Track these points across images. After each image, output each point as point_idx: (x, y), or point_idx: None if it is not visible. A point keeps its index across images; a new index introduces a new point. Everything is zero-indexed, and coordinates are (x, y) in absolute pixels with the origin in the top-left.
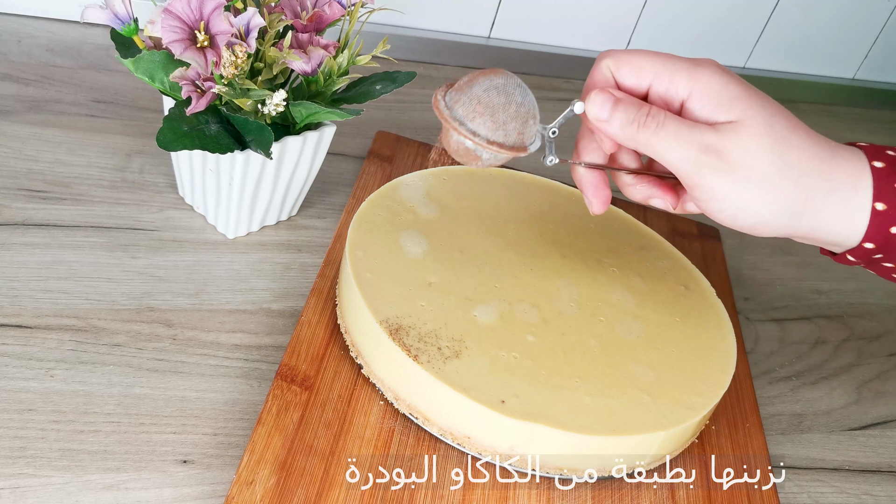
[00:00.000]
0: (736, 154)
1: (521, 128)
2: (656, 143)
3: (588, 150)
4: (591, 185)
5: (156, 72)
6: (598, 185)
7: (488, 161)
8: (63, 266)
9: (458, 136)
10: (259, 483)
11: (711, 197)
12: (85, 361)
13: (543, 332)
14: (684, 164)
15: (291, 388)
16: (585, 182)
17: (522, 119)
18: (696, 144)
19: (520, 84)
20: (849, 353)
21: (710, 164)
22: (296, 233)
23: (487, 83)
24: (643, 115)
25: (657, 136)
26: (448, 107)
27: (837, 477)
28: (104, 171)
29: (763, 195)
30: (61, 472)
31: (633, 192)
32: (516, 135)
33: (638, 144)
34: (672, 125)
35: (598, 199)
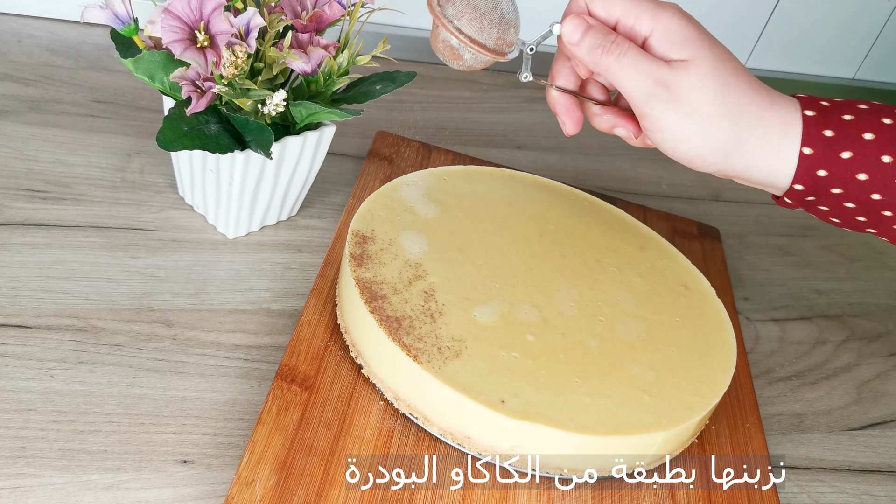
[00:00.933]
0: (683, 90)
1: (502, 34)
2: (617, 70)
3: (562, 74)
4: (563, 106)
5: (156, 72)
6: (570, 107)
7: (469, 62)
8: (63, 266)
9: (446, 34)
10: (259, 483)
11: (657, 127)
12: (85, 361)
13: (543, 332)
14: (638, 93)
15: (291, 388)
16: (558, 104)
17: (504, 26)
18: (651, 76)
19: None
20: (849, 353)
21: (660, 96)
22: (296, 233)
23: None
24: (609, 41)
25: (619, 63)
26: (440, 5)
27: (837, 477)
28: (104, 171)
29: (702, 131)
30: (61, 472)
31: (600, 121)
32: (496, 39)
33: (601, 68)
34: (633, 55)
35: (571, 119)
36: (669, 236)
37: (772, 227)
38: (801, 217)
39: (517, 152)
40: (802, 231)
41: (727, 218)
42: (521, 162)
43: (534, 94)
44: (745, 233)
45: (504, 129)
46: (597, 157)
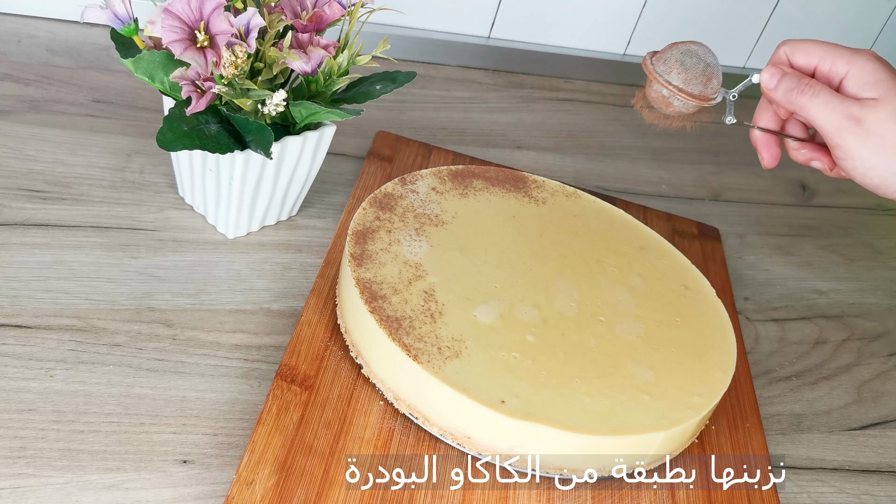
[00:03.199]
0: (871, 123)
1: (705, 83)
2: (810, 108)
3: (765, 116)
4: (764, 143)
5: (156, 72)
6: (769, 143)
7: (678, 108)
8: (63, 266)
9: (658, 86)
10: (259, 483)
11: (848, 156)
12: (85, 361)
13: (543, 332)
14: (829, 127)
15: (291, 388)
16: (759, 141)
17: (707, 77)
18: (842, 112)
19: (709, 52)
20: (849, 353)
21: (850, 129)
22: (296, 233)
23: (684, 48)
24: (803, 84)
25: (812, 102)
26: (652, 63)
27: (837, 477)
28: (104, 171)
29: (888, 160)
30: (61, 472)
31: (797, 154)
32: (701, 87)
33: (796, 107)
34: (825, 95)
35: (769, 153)
36: (669, 236)
37: (772, 227)
38: (801, 217)
39: (517, 152)
40: (802, 231)
41: (727, 218)
42: (521, 162)
43: (533, 94)
44: (745, 233)
45: (504, 129)
46: (597, 156)
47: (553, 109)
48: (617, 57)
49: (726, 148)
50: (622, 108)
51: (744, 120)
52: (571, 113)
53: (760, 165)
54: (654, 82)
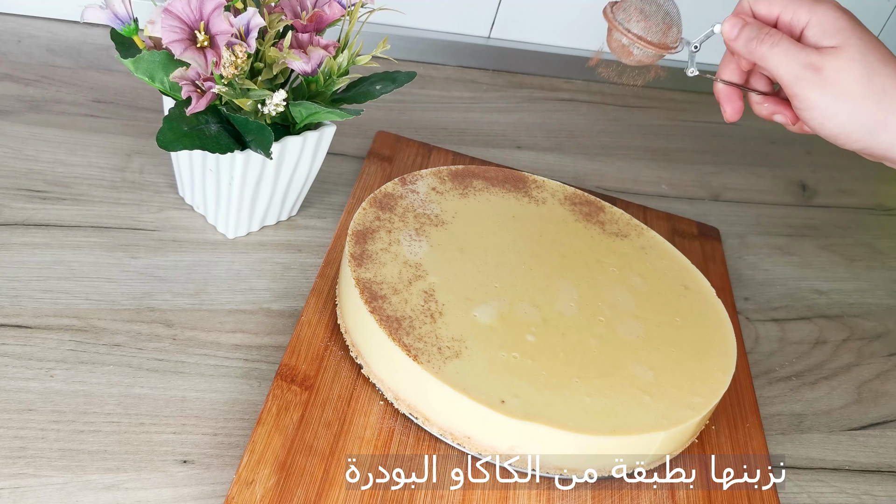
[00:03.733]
0: (830, 72)
1: (665, 31)
2: (770, 57)
3: (728, 68)
4: (726, 96)
5: (156, 72)
6: (732, 97)
7: (638, 56)
8: (63, 266)
9: (617, 34)
10: (259, 483)
11: (806, 106)
12: (85, 361)
13: (543, 333)
14: (788, 76)
15: (291, 388)
16: (722, 94)
17: (667, 25)
18: (801, 61)
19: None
20: (849, 353)
21: (808, 78)
22: (296, 233)
23: None
24: (763, 33)
25: (771, 51)
26: (612, 12)
27: (837, 477)
28: (104, 171)
29: (848, 109)
30: (61, 472)
31: (760, 108)
32: (661, 36)
33: (756, 57)
34: (784, 44)
35: (732, 106)
36: (669, 236)
37: (772, 227)
38: (801, 217)
39: (517, 152)
40: (802, 231)
41: (727, 218)
42: (520, 162)
43: (533, 94)
44: (745, 233)
45: (504, 129)
46: (597, 156)
47: (553, 109)
48: None
49: (726, 148)
50: (622, 108)
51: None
52: (571, 113)
53: (757, 171)
54: (614, 31)
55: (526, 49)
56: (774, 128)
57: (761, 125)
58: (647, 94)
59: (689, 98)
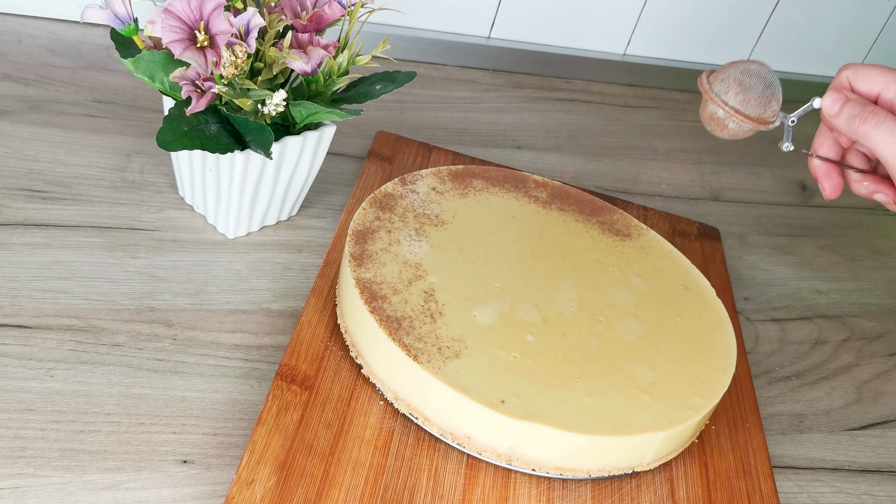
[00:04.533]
0: None
1: (764, 105)
2: (874, 137)
3: (824, 144)
4: (824, 173)
5: (156, 72)
6: (830, 173)
7: (733, 130)
8: (63, 266)
9: (713, 106)
10: (259, 483)
11: None
12: (85, 361)
13: (543, 332)
14: (893, 160)
15: (291, 388)
16: (820, 171)
17: (766, 99)
18: None
19: (770, 72)
20: (849, 353)
21: None
22: (296, 233)
23: (744, 67)
24: (867, 112)
25: (875, 131)
26: (709, 83)
27: (837, 477)
28: (104, 171)
29: None
30: (61, 472)
31: (859, 187)
32: (759, 110)
33: (859, 136)
34: (889, 124)
35: (830, 184)
36: (669, 236)
37: (772, 227)
38: (801, 217)
39: (517, 152)
40: (802, 231)
41: (727, 218)
42: (520, 162)
43: (533, 94)
44: (745, 233)
45: (504, 129)
46: (597, 156)
47: (553, 109)
48: (617, 57)
49: (726, 148)
50: (622, 108)
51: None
52: (571, 113)
53: (757, 171)
54: (709, 102)
55: (526, 49)
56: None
57: None
58: (647, 95)
59: (689, 98)
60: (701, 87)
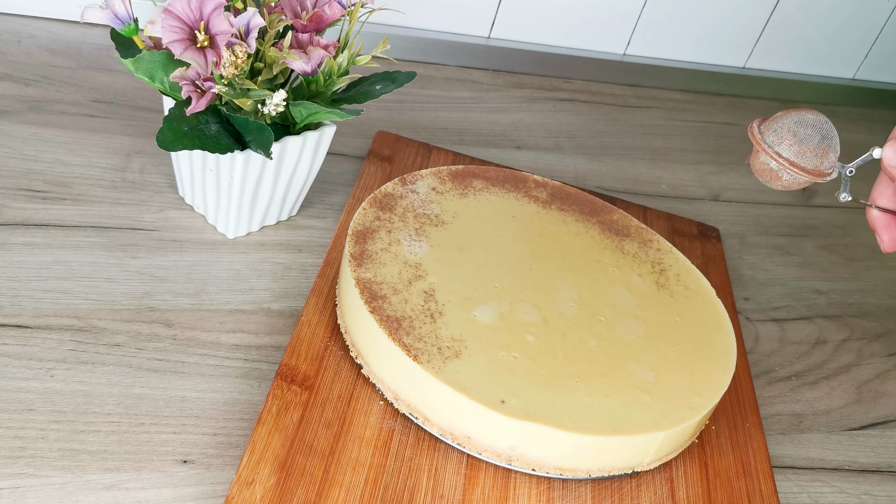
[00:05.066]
0: None
1: (821, 157)
2: None
3: (884, 195)
4: (884, 225)
5: (156, 72)
6: (891, 225)
7: (787, 182)
8: (63, 266)
9: (766, 157)
10: (259, 483)
11: None
12: (85, 361)
13: (543, 332)
14: None
15: (291, 388)
16: (879, 223)
17: (823, 151)
18: None
19: (826, 122)
20: (849, 353)
21: None
22: (296, 233)
23: (798, 117)
24: None
25: None
26: (760, 132)
27: (837, 477)
28: (104, 171)
29: None
30: (61, 472)
31: None
32: (816, 162)
33: None
34: None
35: (889, 236)
36: (669, 236)
37: (772, 227)
38: (801, 217)
39: (517, 152)
40: (802, 231)
41: (727, 218)
42: (520, 162)
43: (532, 94)
44: (745, 233)
45: (504, 129)
46: (597, 156)
47: (553, 109)
48: (617, 57)
49: (726, 148)
50: (622, 108)
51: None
52: (571, 113)
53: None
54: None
55: (526, 49)
56: None
57: None
58: (647, 95)
59: (689, 98)
60: (752, 136)
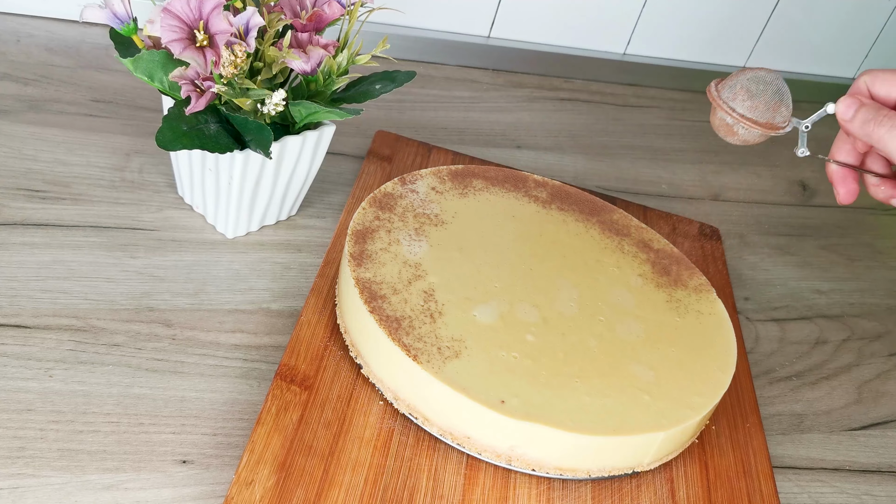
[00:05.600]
0: None
1: (773, 111)
2: (889, 140)
3: (842, 150)
4: (840, 177)
5: (155, 71)
6: (846, 178)
7: (743, 136)
8: (62, 266)
9: (721, 113)
10: (258, 483)
11: None
12: (84, 361)
13: (543, 332)
14: None
15: (291, 388)
16: (836, 175)
17: (776, 105)
18: None
19: (779, 78)
20: (849, 353)
21: None
22: (295, 232)
23: (752, 75)
24: (881, 115)
25: (890, 134)
26: (717, 90)
27: (838, 477)
28: (103, 170)
29: None
30: (60, 472)
31: (877, 191)
32: (769, 116)
33: (873, 140)
34: None
35: (845, 188)
36: (669, 236)
37: (772, 227)
38: (801, 217)
39: (517, 152)
40: (802, 231)
41: (727, 218)
42: (520, 161)
43: (533, 93)
44: (745, 233)
45: (504, 128)
46: (597, 156)
47: (553, 109)
48: (617, 56)
49: (726, 148)
50: (622, 108)
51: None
52: (571, 113)
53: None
54: (717, 109)
55: (526, 48)
56: None
57: None
58: (647, 94)
59: (689, 98)
60: (709, 94)
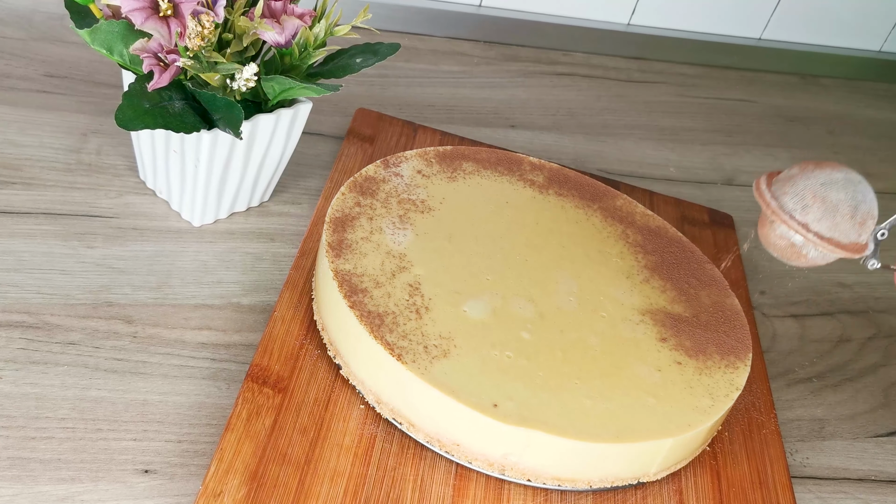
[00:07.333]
0: None
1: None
2: None
3: None
4: None
5: (114, 43)
6: None
7: (813, 259)
8: (12, 257)
9: (786, 229)
10: (228, 495)
11: None
12: (36, 361)
13: (540, 329)
14: None
15: (263, 390)
16: None
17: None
18: None
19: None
20: (875, 352)
21: None
22: (268, 220)
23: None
24: None
25: None
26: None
27: (862, 488)
28: (58, 152)
29: None
30: (10, 482)
31: None
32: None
33: None
34: None
35: None
36: (678, 224)
37: None
38: None
39: (511, 132)
40: None
41: (741, 204)
42: (515, 142)
43: (528, 68)
44: None
45: (496, 106)
46: (598, 136)
47: (550, 85)
48: (620, 27)
49: (740, 127)
50: (626, 84)
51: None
52: (570, 89)
53: (774, 152)
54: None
55: (520, 19)
56: (792, 104)
57: (776, 102)
58: (654, 69)
59: (700, 72)
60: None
